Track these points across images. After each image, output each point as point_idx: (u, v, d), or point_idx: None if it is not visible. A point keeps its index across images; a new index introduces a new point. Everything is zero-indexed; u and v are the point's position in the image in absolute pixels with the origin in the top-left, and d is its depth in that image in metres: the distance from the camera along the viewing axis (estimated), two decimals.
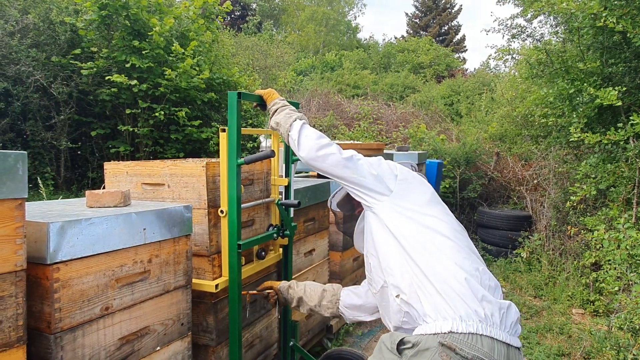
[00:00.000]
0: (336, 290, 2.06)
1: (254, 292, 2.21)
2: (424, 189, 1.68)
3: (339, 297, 2.03)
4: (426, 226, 1.53)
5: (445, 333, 1.31)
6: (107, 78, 5.71)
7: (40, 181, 5.09)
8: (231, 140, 1.91)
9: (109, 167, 2.19)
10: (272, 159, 2.34)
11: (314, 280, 3.05)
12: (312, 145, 1.69)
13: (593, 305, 4.16)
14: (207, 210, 1.99)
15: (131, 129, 5.95)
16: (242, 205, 2.00)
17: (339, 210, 1.97)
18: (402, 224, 1.55)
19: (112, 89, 5.81)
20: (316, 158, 1.68)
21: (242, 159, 1.93)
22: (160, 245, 1.70)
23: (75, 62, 5.87)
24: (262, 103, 2.01)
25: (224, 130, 1.95)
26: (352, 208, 1.92)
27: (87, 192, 1.71)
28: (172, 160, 2.29)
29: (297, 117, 1.80)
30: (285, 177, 2.37)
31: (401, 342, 1.38)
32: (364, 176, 1.63)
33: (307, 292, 2.07)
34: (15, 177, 1.21)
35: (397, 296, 1.51)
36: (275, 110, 1.90)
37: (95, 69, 5.88)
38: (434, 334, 1.32)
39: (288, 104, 1.94)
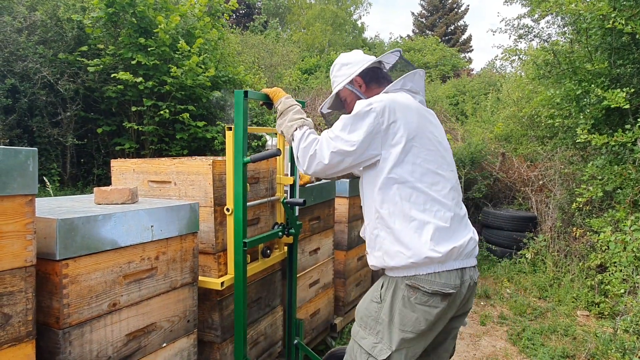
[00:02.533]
0: None
1: None
2: (407, 120, 1.67)
3: None
4: (398, 178, 1.64)
5: (410, 276, 1.62)
6: (112, 75, 5.73)
7: (46, 178, 5.12)
8: (237, 138, 1.91)
9: (116, 164, 2.19)
10: (277, 157, 2.35)
11: (318, 280, 3.05)
12: (304, 163, 1.73)
13: (598, 307, 4.14)
14: (213, 208, 1.99)
15: (137, 127, 5.97)
16: (247, 204, 2.00)
17: (330, 111, 2.12)
18: (382, 179, 1.66)
19: (118, 86, 5.82)
20: (314, 173, 1.76)
21: (248, 158, 1.93)
22: (168, 243, 1.71)
23: (82, 59, 5.88)
24: (268, 102, 2.00)
25: (230, 129, 1.95)
26: (342, 106, 2.04)
27: (95, 188, 1.72)
28: (179, 158, 2.30)
29: (297, 127, 1.78)
30: (291, 175, 2.37)
31: (381, 287, 1.69)
32: (349, 156, 1.66)
33: None
34: (25, 173, 1.22)
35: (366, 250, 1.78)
36: (281, 113, 1.88)
37: (101, 66, 5.89)
38: (402, 277, 1.63)
39: (293, 103, 1.91)
